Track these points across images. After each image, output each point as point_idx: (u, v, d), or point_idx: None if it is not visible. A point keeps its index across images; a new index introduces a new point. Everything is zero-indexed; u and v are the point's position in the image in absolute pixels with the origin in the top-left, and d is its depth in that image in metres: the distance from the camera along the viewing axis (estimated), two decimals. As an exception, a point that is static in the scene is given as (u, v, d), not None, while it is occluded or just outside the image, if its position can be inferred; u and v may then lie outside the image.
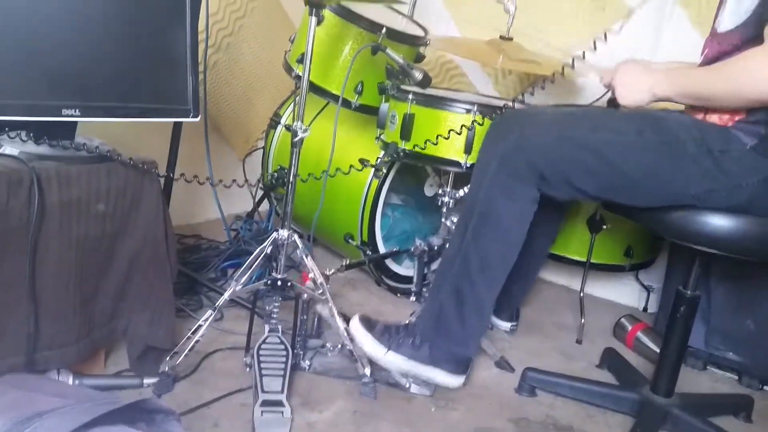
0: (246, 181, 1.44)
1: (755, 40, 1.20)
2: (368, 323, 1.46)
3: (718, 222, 1.26)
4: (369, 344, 1.45)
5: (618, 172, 1.32)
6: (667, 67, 1.44)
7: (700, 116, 1.33)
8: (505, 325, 1.88)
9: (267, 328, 1.47)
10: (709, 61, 1.32)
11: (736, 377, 1.79)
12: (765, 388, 1.75)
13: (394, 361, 1.45)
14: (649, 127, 1.31)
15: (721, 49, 1.30)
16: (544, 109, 1.64)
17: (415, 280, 1.99)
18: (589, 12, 2.23)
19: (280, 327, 1.47)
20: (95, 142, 1.32)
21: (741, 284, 1.75)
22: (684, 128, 1.30)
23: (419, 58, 1.92)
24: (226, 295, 1.40)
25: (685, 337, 1.44)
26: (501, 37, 1.92)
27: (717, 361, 1.81)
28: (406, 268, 2.12)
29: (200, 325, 1.37)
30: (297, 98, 1.44)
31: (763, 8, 1.21)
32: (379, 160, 1.90)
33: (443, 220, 1.82)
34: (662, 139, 1.30)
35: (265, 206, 2.36)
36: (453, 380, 1.48)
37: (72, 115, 1.24)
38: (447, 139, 1.61)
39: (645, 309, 2.23)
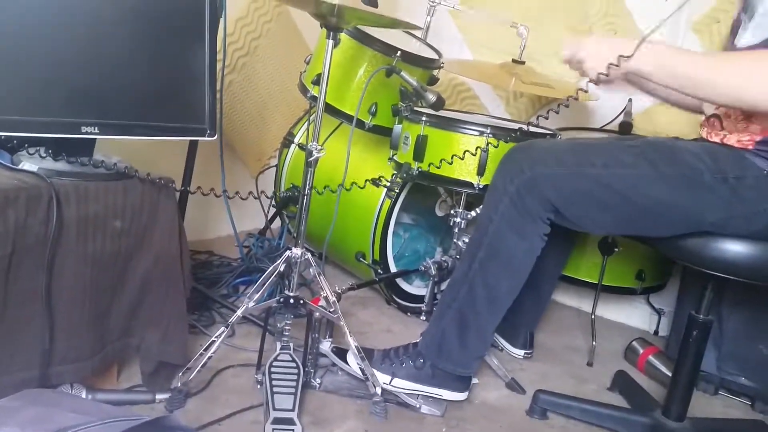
0: (261, 192, 1.44)
1: None
2: (364, 355, 1.46)
3: (737, 248, 1.26)
4: (358, 365, 1.46)
5: (634, 207, 1.32)
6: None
7: (717, 139, 1.34)
8: (519, 353, 1.87)
9: (279, 345, 1.48)
10: None
11: (749, 402, 1.77)
12: (778, 414, 1.73)
13: (398, 386, 1.48)
14: (662, 158, 1.31)
15: None
16: (551, 142, 1.64)
17: (426, 299, 2.00)
18: (601, 36, 2.24)
19: (291, 344, 1.48)
20: (113, 159, 1.34)
21: (754, 309, 1.74)
22: (697, 157, 1.29)
23: (433, 80, 1.95)
24: (240, 312, 1.41)
25: (698, 361, 1.43)
26: (513, 61, 1.95)
27: (729, 386, 1.80)
28: (416, 288, 2.12)
29: (213, 342, 1.38)
30: (312, 118, 1.46)
31: None
32: (392, 179, 1.92)
33: (455, 240, 1.82)
34: (676, 170, 1.29)
35: (277, 224, 2.38)
36: (457, 396, 1.51)
37: (91, 133, 1.26)
38: (462, 159, 1.62)
39: (656, 332, 2.21)
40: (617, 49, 1.23)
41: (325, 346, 1.52)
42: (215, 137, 1.45)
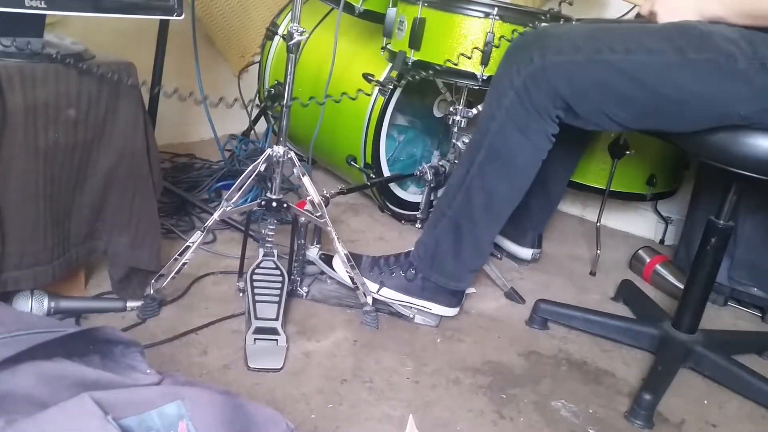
0: (236, 99, 1.29)
1: None
2: (352, 260, 1.35)
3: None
4: (349, 279, 1.35)
5: (657, 97, 1.17)
6: None
7: None
8: (527, 253, 1.76)
9: (261, 251, 1.37)
10: None
11: (759, 314, 1.69)
12: (790, 326, 1.65)
13: (386, 296, 1.38)
14: (690, 43, 1.14)
15: None
16: (568, 26, 1.47)
17: (421, 206, 1.87)
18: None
19: (275, 251, 1.37)
20: (66, 41, 1.17)
21: (773, 216, 1.62)
22: (732, 42, 1.13)
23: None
24: (216, 214, 1.28)
25: (714, 270, 1.32)
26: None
27: (739, 296, 1.71)
28: (411, 194, 1.99)
29: (188, 246, 1.26)
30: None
31: None
32: (385, 75, 1.74)
33: (453, 140, 1.68)
34: (706, 56, 1.13)
35: (262, 126, 2.22)
36: (448, 311, 1.42)
37: (36, 7, 1.08)
38: (470, 58, 1.44)
39: (662, 241, 2.11)
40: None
41: (312, 252, 1.40)
42: (182, 17, 1.27)
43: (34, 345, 0.49)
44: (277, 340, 1.18)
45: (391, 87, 1.75)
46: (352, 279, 1.33)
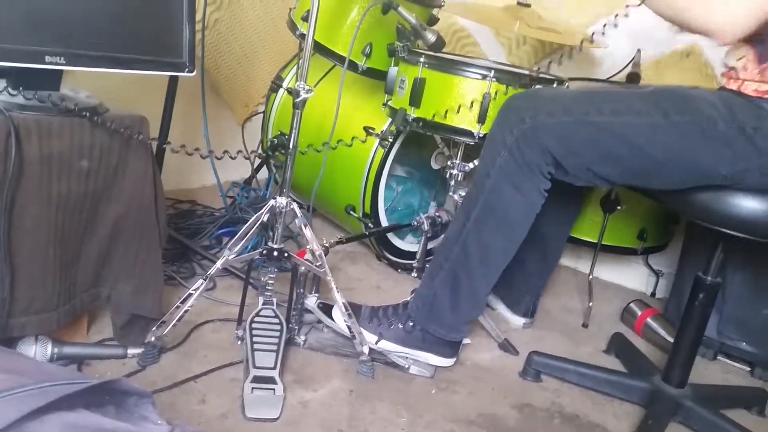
0: (239, 151, 1.34)
1: None
2: (352, 310, 1.38)
3: (750, 204, 1.17)
4: (345, 324, 1.38)
5: (644, 156, 1.23)
6: None
7: (735, 86, 1.24)
8: (518, 321, 1.76)
9: (261, 300, 1.40)
10: None
11: (748, 368, 1.72)
12: (778, 380, 1.68)
13: (385, 348, 1.41)
14: (674, 106, 1.21)
15: None
16: (558, 89, 1.54)
17: (417, 255, 1.91)
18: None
19: (275, 299, 1.40)
20: (81, 94, 1.22)
21: (760, 272, 1.66)
22: (712, 106, 1.20)
23: (432, 20, 1.81)
24: (219, 263, 1.32)
25: (702, 325, 1.36)
26: (519, 3, 1.82)
27: (728, 351, 1.74)
28: (408, 243, 2.03)
29: (190, 294, 1.29)
30: (300, 58, 1.34)
31: None
32: (385, 128, 1.81)
33: (450, 193, 1.72)
34: (689, 119, 1.20)
35: (264, 174, 2.27)
36: (445, 362, 1.45)
37: (56, 63, 1.14)
38: (457, 112, 1.50)
39: (653, 294, 2.15)
40: None
41: (311, 301, 1.43)
42: (194, 73, 1.33)
43: (60, 397, 0.52)
44: (274, 389, 1.20)
45: (390, 139, 1.81)
46: (349, 328, 1.36)
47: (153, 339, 1.28)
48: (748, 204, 1.18)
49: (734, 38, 1.16)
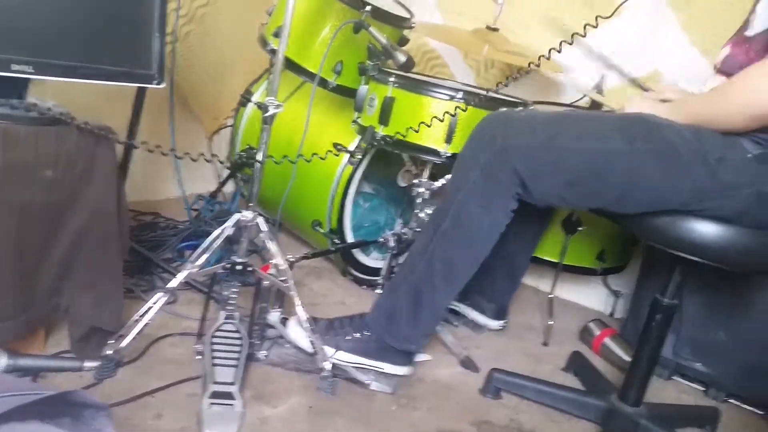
0: (213, 156, 1.35)
1: None
2: (308, 323, 1.38)
3: (705, 229, 1.21)
4: (308, 343, 1.38)
5: (603, 181, 1.26)
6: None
7: None
8: (494, 324, 1.82)
9: (223, 314, 1.39)
10: (740, 66, 1.27)
11: (703, 388, 1.76)
12: (731, 400, 1.72)
13: (343, 359, 1.41)
14: (639, 133, 1.25)
15: (751, 56, 1.26)
16: (528, 112, 1.58)
17: (382, 272, 1.92)
18: (578, 8, 2.18)
19: (237, 314, 1.39)
20: (47, 104, 1.21)
21: (716, 295, 1.71)
22: (678, 134, 1.23)
23: (403, 41, 1.85)
24: (180, 276, 1.31)
25: (659, 345, 1.40)
26: (487, 27, 1.86)
27: (684, 371, 1.78)
28: (373, 260, 2.04)
29: (149, 308, 1.28)
30: (271, 73, 1.35)
31: None
32: (354, 145, 1.82)
33: (416, 211, 1.74)
34: (651, 146, 1.23)
35: (230, 187, 2.26)
36: (400, 370, 1.45)
37: (23, 72, 1.13)
38: (429, 126, 1.52)
39: (612, 314, 2.19)
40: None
41: (274, 316, 1.43)
42: (163, 86, 1.33)
43: (13, 408, 0.51)
44: (233, 405, 1.19)
45: (360, 156, 1.82)
46: (312, 343, 1.36)
47: (110, 352, 1.26)
48: (703, 229, 1.21)
49: None
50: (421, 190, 1.70)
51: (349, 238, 1.94)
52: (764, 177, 1.19)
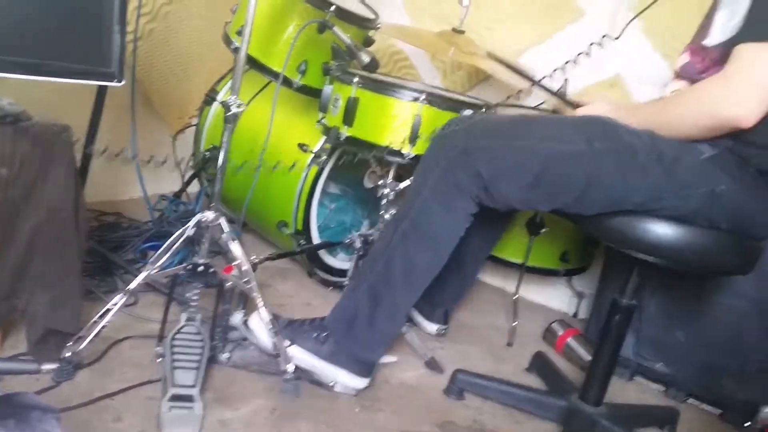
0: (166, 160, 1.33)
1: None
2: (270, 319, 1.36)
3: (661, 230, 1.23)
4: (268, 339, 1.36)
5: (564, 182, 1.28)
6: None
7: None
8: (432, 327, 1.81)
9: (184, 316, 1.37)
10: (695, 75, 1.31)
11: (663, 388, 1.80)
12: (690, 400, 1.76)
13: (295, 354, 1.36)
14: (597, 134, 1.27)
15: (707, 65, 1.29)
16: (491, 115, 1.59)
17: (349, 273, 1.91)
18: (543, 10, 2.21)
19: (199, 316, 1.37)
20: (3, 101, 1.18)
21: (675, 295, 1.75)
22: (635, 135, 1.27)
23: (368, 42, 1.84)
24: (141, 277, 1.29)
25: (618, 346, 1.42)
26: (453, 30, 1.87)
27: (644, 371, 1.81)
28: (340, 261, 2.04)
29: (108, 309, 1.26)
30: (234, 71, 1.34)
31: (742, 29, 1.19)
32: (319, 145, 1.82)
33: (381, 212, 1.74)
34: (609, 146, 1.26)
35: (195, 187, 2.23)
36: (356, 382, 1.40)
37: (-24, 69, 1.11)
38: (393, 128, 1.53)
39: (575, 315, 2.22)
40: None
41: (236, 318, 1.42)
42: (122, 84, 1.31)
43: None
44: (193, 407, 1.17)
45: (324, 157, 1.82)
46: (274, 344, 1.35)
47: (69, 354, 1.23)
48: (659, 230, 1.24)
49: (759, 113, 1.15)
50: (386, 191, 1.70)
51: (316, 239, 1.93)
52: (718, 178, 1.22)
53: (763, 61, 1.12)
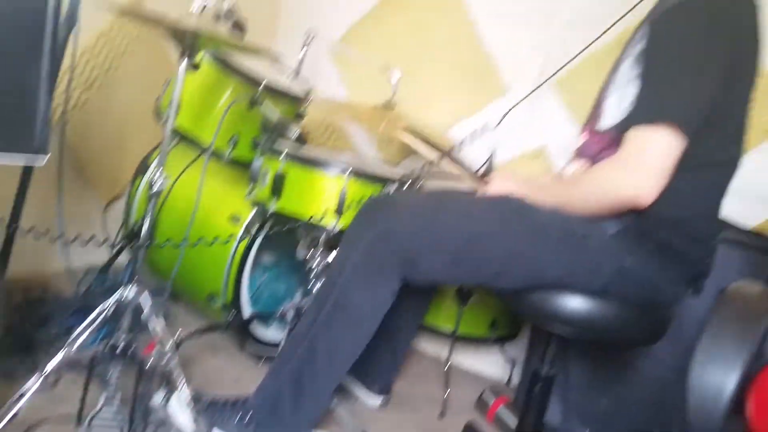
0: (92, 236, 1.31)
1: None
2: (192, 399, 1.34)
3: (573, 304, 1.28)
4: (189, 422, 1.34)
5: (483, 261, 1.32)
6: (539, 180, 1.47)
7: None
8: (375, 401, 1.80)
9: (104, 397, 1.33)
10: (593, 155, 1.38)
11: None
12: (618, 465, 1.78)
13: None
14: (512, 212, 1.33)
15: (602, 146, 1.36)
16: (413, 194, 1.64)
17: (281, 346, 1.89)
18: (472, 84, 2.31)
19: (118, 396, 1.33)
20: None
21: (598, 364, 1.80)
22: (547, 215, 1.32)
23: (300, 115, 1.89)
24: (57, 358, 1.26)
25: (541, 414, 1.44)
26: (383, 106, 1.94)
27: (574, 439, 1.84)
28: (274, 331, 2.01)
29: (23, 394, 1.21)
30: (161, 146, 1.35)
31: (633, 112, 1.27)
32: (251, 218, 1.83)
33: (309, 286, 1.75)
34: (523, 225, 1.31)
35: (126, 257, 2.19)
36: None
37: None
38: (320, 202, 1.56)
39: (509, 381, 2.25)
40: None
41: (156, 399, 1.37)
42: (45, 160, 1.29)
43: None
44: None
45: (255, 229, 1.82)
46: (195, 428, 1.31)
47: (-25, 443, 1.18)
48: (572, 304, 1.29)
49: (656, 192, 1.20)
50: (314, 264, 1.71)
51: (247, 311, 1.91)
52: (624, 253, 1.28)
53: (654, 143, 1.20)
